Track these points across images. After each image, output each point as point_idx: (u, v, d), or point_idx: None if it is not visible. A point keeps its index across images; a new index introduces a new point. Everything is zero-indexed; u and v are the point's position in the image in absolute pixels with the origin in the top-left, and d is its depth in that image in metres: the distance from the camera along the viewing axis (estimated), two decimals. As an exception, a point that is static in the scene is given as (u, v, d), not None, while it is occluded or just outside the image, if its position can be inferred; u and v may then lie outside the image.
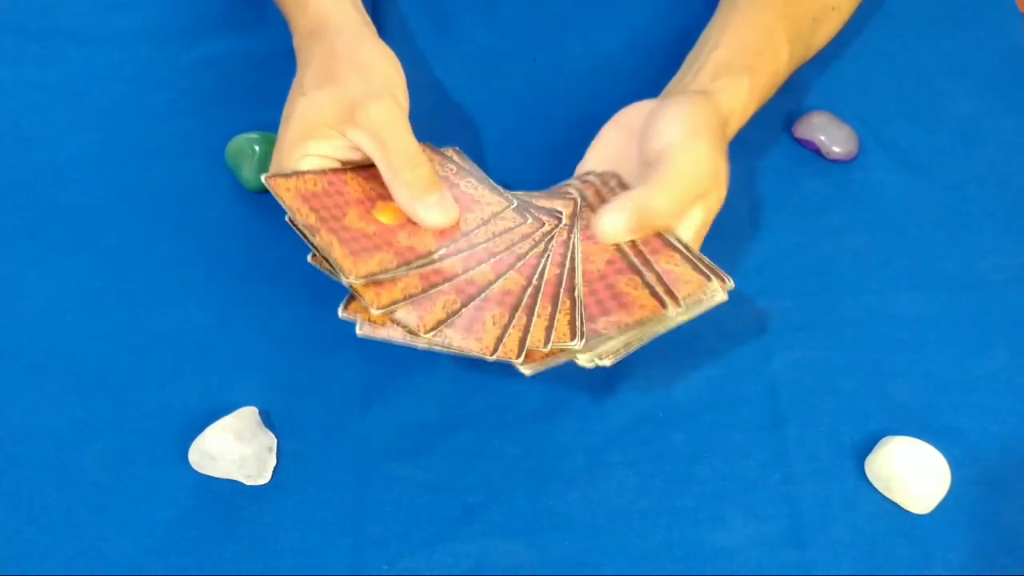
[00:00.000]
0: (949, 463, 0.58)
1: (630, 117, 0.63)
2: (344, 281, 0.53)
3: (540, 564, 0.56)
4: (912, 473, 0.57)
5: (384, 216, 0.57)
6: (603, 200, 0.60)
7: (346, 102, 0.58)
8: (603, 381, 0.62)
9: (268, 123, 0.70)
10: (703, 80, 0.63)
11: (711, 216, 0.59)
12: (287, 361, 0.63)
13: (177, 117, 0.73)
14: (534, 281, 0.55)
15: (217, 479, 0.59)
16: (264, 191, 0.68)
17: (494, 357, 0.52)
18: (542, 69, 0.76)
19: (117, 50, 0.76)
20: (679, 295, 0.54)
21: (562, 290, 0.55)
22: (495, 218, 0.59)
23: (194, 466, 0.59)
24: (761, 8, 0.66)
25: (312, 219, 0.55)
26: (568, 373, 0.62)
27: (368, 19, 0.66)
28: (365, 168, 0.60)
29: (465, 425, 0.61)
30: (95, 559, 0.56)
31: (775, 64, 0.66)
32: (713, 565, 0.56)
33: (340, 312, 0.54)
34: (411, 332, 0.52)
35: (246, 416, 0.60)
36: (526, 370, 0.53)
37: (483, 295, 0.54)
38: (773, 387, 0.62)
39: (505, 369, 0.62)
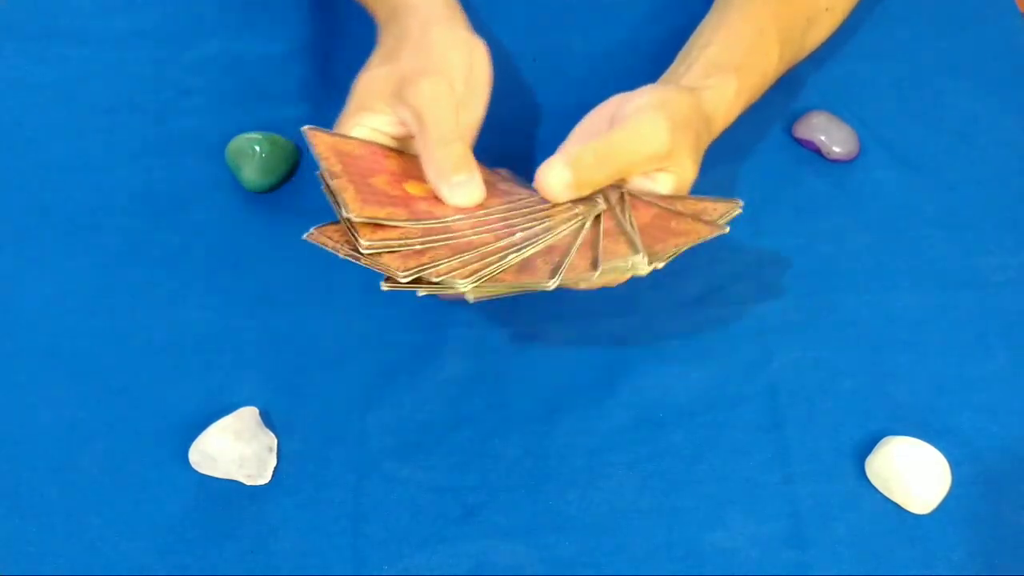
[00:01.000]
0: (949, 463, 0.58)
1: (612, 104, 0.62)
2: (343, 214, 0.52)
3: (540, 564, 0.56)
4: (912, 473, 0.57)
5: (413, 189, 0.57)
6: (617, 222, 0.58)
7: (399, 78, 0.58)
8: (603, 381, 0.62)
9: (268, 123, 0.70)
10: (693, 77, 0.63)
11: (681, 191, 0.58)
12: (287, 361, 0.63)
13: (177, 117, 0.73)
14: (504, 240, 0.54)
15: (217, 479, 0.59)
16: (264, 191, 0.68)
17: (404, 275, 0.51)
18: (542, 69, 0.76)
19: (117, 50, 0.76)
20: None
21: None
22: (520, 200, 0.58)
23: (194, 466, 0.59)
24: (755, 7, 0.66)
25: (338, 168, 0.55)
26: (568, 373, 0.62)
27: (453, 2, 0.64)
28: (411, 155, 0.59)
29: (465, 425, 0.61)
30: (95, 559, 0.56)
31: (765, 64, 0.66)
32: (713, 565, 0.56)
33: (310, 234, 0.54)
34: (390, 275, 0.51)
35: (246, 416, 0.60)
36: (396, 281, 0.51)
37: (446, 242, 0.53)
38: (773, 387, 0.62)
39: (505, 369, 0.63)
